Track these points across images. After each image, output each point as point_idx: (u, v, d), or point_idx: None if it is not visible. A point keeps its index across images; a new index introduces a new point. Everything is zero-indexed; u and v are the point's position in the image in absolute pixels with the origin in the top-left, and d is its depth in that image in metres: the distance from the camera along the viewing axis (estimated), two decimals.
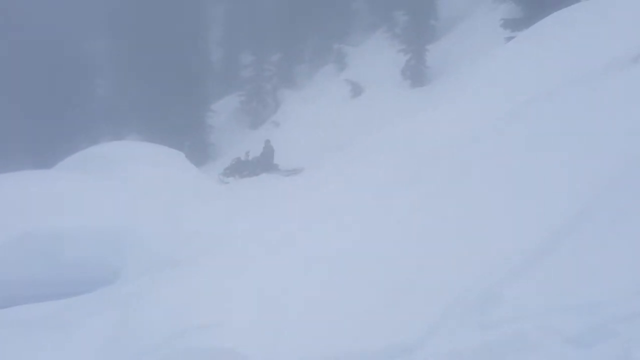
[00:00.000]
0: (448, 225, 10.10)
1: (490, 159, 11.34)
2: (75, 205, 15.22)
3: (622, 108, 10.09)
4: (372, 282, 9.42)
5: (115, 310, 10.96)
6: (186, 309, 9.90)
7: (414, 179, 12.87)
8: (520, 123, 11.92)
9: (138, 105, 36.16)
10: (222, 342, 8.76)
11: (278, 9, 38.56)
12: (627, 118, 9.74)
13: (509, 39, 19.67)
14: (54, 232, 14.27)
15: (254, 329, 8.92)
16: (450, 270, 8.84)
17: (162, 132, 31.17)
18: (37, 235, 14.08)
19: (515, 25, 21.43)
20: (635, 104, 10.02)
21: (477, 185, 10.81)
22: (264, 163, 26.20)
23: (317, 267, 10.51)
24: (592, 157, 9.38)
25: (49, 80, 37.87)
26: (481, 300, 7.94)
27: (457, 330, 7.77)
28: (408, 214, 11.31)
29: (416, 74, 29.74)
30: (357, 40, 37.60)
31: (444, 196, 11.16)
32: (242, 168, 26.28)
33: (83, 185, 16.63)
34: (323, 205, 14.33)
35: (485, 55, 18.53)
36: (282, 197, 17.69)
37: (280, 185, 21.13)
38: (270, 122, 33.91)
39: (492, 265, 8.44)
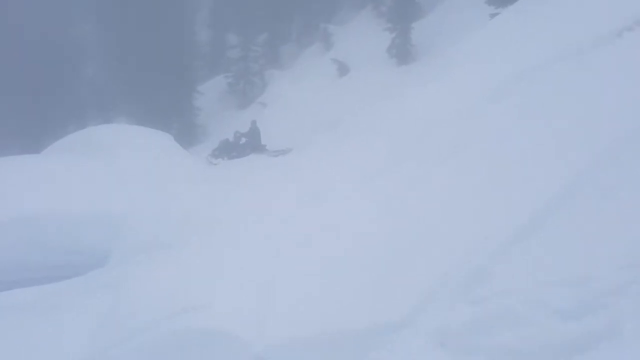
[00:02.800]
0: (436, 203, 10.16)
1: (479, 135, 11.38)
2: (64, 189, 15.19)
3: (610, 82, 10.13)
4: (360, 261, 9.49)
5: (106, 293, 10.98)
6: (177, 290, 9.94)
7: (402, 157, 12.91)
8: (508, 99, 11.95)
9: (126, 89, 35.92)
10: (212, 323, 8.81)
11: None
12: (615, 92, 9.79)
13: (494, 15, 19.65)
14: (42, 217, 14.24)
15: (243, 310, 8.98)
16: (439, 248, 8.91)
17: (150, 114, 31.04)
18: (25, 219, 14.05)
19: (500, 1, 21.39)
20: (622, 77, 10.07)
21: (466, 163, 10.86)
22: (252, 144, 26.13)
23: (305, 248, 10.56)
24: (581, 132, 9.43)
25: (37, 64, 37.60)
26: (469, 277, 8.01)
27: (445, 307, 7.85)
28: (396, 193, 11.36)
29: (402, 52, 29.64)
30: (343, 20, 37.50)
31: (432, 174, 11.22)
32: (231, 149, 26.20)
33: (72, 169, 16.58)
34: (312, 186, 14.36)
35: (471, 32, 18.49)
36: (271, 178, 17.70)
37: (269, 166, 21.11)
38: (258, 102, 33.78)
39: (480, 242, 8.50)
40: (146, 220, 14.49)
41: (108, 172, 16.69)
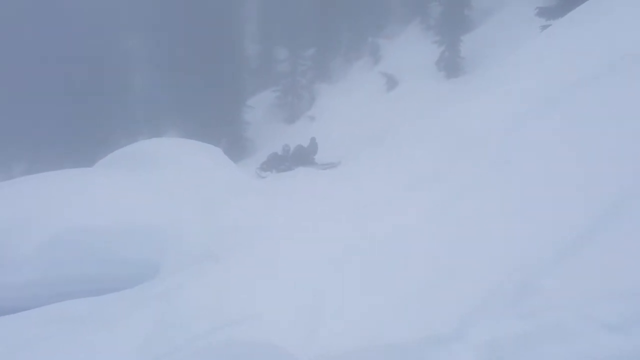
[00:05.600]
0: (485, 216, 10.07)
1: (527, 148, 11.28)
2: (115, 202, 15.39)
3: None
4: (407, 273, 9.44)
5: (156, 305, 11.09)
6: (225, 302, 10.01)
7: (449, 170, 12.84)
8: (558, 112, 11.82)
9: (175, 103, 36.38)
10: (259, 335, 8.83)
11: (312, 3, 38.62)
12: None
13: (545, 27, 19.54)
14: (94, 230, 14.44)
15: (290, 321, 8.98)
16: (487, 260, 8.83)
17: (200, 128, 31.45)
18: (78, 232, 14.26)
19: (550, 13, 21.22)
20: None
21: (514, 175, 10.76)
22: (305, 157, 26.29)
23: (353, 260, 10.55)
24: (633, 143, 9.29)
25: (89, 79, 38.33)
26: (518, 290, 7.92)
27: (494, 321, 7.76)
28: (444, 206, 11.29)
29: (451, 65, 29.57)
30: (391, 33, 37.54)
31: (480, 187, 11.13)
32: (279, 162, 26.39)
33: (123, 183, 16.82)
34: (359, 198, 14.35)
35: (521, 45, 18.36)
36: (319, 191, 17.73)
37: (317, 179, 21.16)
38: (306, 116, 33.98)
39: (529, 255, 8.42)
40: (195, 232, 14.61)
41: (158, 185, 16.88)
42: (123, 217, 14.96)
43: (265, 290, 10.15)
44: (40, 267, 13.79)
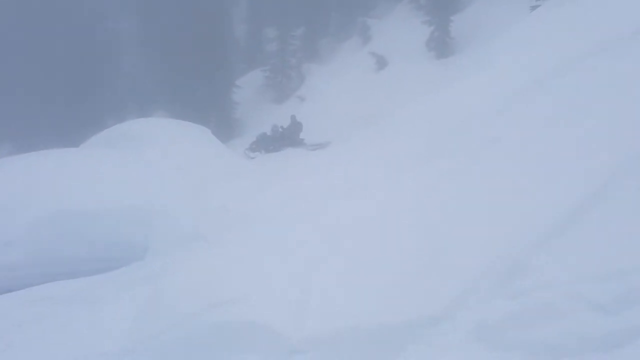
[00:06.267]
0: (474, 197, 10.06)
1: (517, 129, 11.27)
2: (103, 182, 15.33)
3: None
4: (398, 254, 9.41)
5: (144, 286, 11.08)
6: (214, 283, 9.98)
7: (439, 151, 12.82)
8: (546, 93, 11.81)
9: (164, 83, 36.19)
10: (249, 316, 8.82)
11: None
12: None
13: (534, 7, 19.47)
14: (83, 211, 14.39)
15: (280, 302, 8.97)
16: (477, 241, 8.82)
17: (188, 108, 31.23)
18: (65, 214, 14.21)
19: None
20: None
21: (503, 156, 10.75)
22: (290, 138, 26.23)
23: (343, 241, 10.51)
24: (620, 125, 9.30)
25: (75, 58, 38.04)
26: (508, 271, 7.93)
27: (484, 301, 7.78)
28: (434, 187, 11.27)
29: (441, 45, 29.50)
30: (381, 13, 37.36)
31: (470, 168, 11.11)
32: (268, 143, 26.33)
33: (110, 163, 16.75)
34: (349, 179, 14.33)
35: (511, 25, 18.32)
36: (308, 172, 17.70)
37: (306, 159, 21.12)
38: (295, 96, 33.87)
39: (519, 236, 8.42)
40: (183, 213, 14.59)
41: (146, 165, 16.83)
42: (110, 198, 14.91)
43: (254, 271, 10.12)
44: (27, 248, 13.75)
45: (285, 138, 26.27)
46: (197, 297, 9.63)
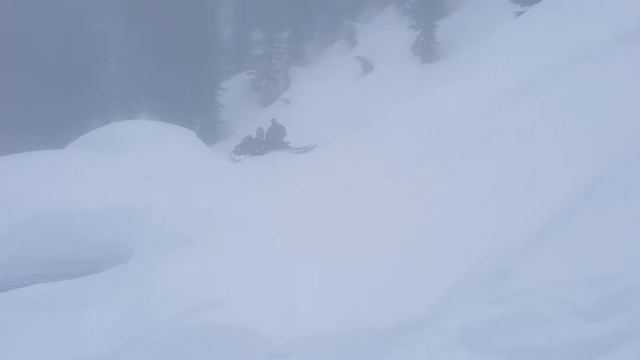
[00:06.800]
0: (459, 202, 10.12)
1: (501, 134, 11.33)
2: (88, 184, 15.27)
3: (632, 80, 10.04)
4: (381, 259, 9.45)
5: (128, 288, 11.06)
6: (199, 286, 9.99)
7: (424, 156, 12.86)
8: (531, 97, 11.87)
9: (149, 85, 35.98)
10: (233, 319, 8.84)
11: None
12: (638, 90, 9.70)
13: (519, 13, 19.53)
14: (67, 212, 14.33)
15: (265, 306, 8.99)
16: (460, 246, 8.88)
17: (173, 111, 31.08)
18: (50, 215, 14.14)
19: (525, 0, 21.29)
20: None
21: (488, 161, 10.80)
22: (275, 141, 26.18)
23: (328, 245, 10.54)
24: (604, 131, 9.35)
25: (60, 59, 37.81)
26: (491, 276, 7.98)
27: (467, 306, 7.82)
28: (419, 191, 11.32)
29: (426, 49, 29.50)
30: (367, 17, 37.35)
31: (455, 172, 11.17)
32: (253, 146, 26.26)
33: (95, 165, 16.67)
34: (334, 183, 14.34)
35: (495, 30, 18.39)
36: (293, 175, 17.69)
37: (291, 163, 21.10)
38: (281, 99, 33.78)
39: (501, 241, 8.47)
40: (168, 215, 14.54)
41: (130, 167, 16.76)
42: (94, 200, 14.85)
43: (239, 274, 10.13)
44: (11, 249, 13.67)
45: (269, 141, 26.24)
46: (181, 300, 9.63)
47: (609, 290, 6.68)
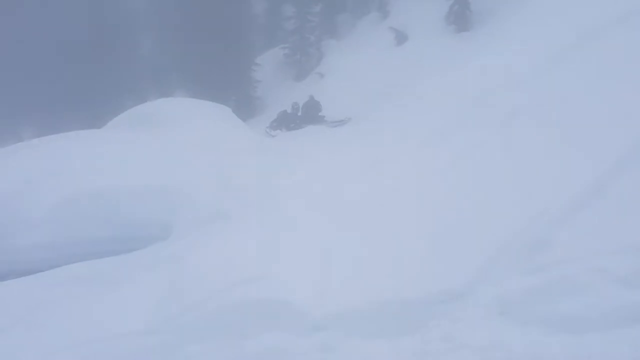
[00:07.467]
0: (495, 171, 10.07)
1: (538, 103, 11.22)
2: (125, 163, 15.35)
3: None
4: (419, 230, 9.45)
5: (167, 266, 11.13)
6: (237, 261, 10.04)
7: (461, 126, 12.79)
8: (567, 64, 11.74)
9: (184, 62, 36.09)
10: (271, 294, 8.88)
11: None
12: None
13: None
14: (104, 192, 14.42)
15: (302, 280, 9.01)
16: (498, 216, 8.84)
17: (209, 87, 31.17)
18: (88, 194, 14.25)
19: None
20: None
21: (524, 131, 10.72)
22: (310, 115, 26.16)
23: (364, 218, 10.56)
24: None
25: (94, 40, 38.08)
26: (529, 245, 7.94)
27: (505, 275, 7.79)
28: (455, 162, 11.27)
29: (460, 19, 29.22)
30: None
31: (491, 143, 11.10)
32: (289, 120, 26.29)
33: (132, 144, 16.77)
34: (369, 156, 14.32)
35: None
36: (329, 149, 17.70)
37: (327, 136, 21.11)
38: (315, 73, 33.70)
39: (540, 210, 8.42)
40: (206, 192, 14.60)
41: (168, 145, 16.84)
42: (133, 178, 14.94)
43: (277, 249, 10.18)
44: (51, 229, 13.82)
45: (305, 115, 26.23)
46: (220, 276, 9.69)
47: None
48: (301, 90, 30.13)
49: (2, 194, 14.11)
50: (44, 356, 8.78)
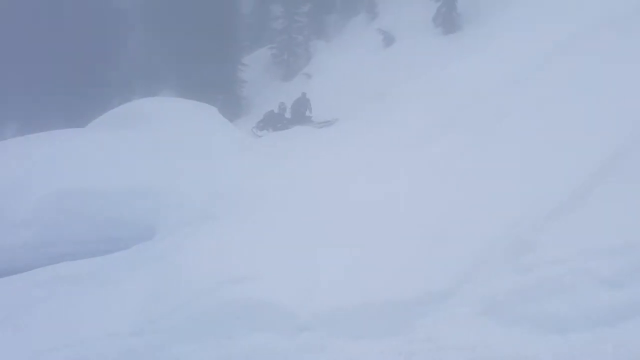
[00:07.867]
0: (482, 172, 10.09)
1: (523, 103, 11.26)
2: (110, 162, 15.29)
3: None
4: (405, 231, 9.45)
5: (154, 266, 11.10)
6: (223, 262, 10.02)
7: (447, 126, 12.81)
8: (553, 66, 11.77)
9: (170, 62, 35.94)
10: (257, 294, 8.86)
11: None
12: None
13: None
14: (88, 191, 14.36)
15: (288, 280, 9.00)
16: (484, 218, 8.86)
17: (195, 87, 31.03)
18: (72, 193, 14.17)
19: None
20: None
21: (512, 132, 10.76)
22: (297, 115, 26.14)
23: (350, 218, 10.55)
24: (628, 99, 9.26)
25: (81, 38, 37.88)
26: (514, 246, 7.96)
27: (491, 276, 7.80)
28: (442, 162, 11.30)
29: (448, 20, 29.26)
30: None
31: (478, 143, 11.13)
32: (276, 121, 26.25)
33: (117, 143, 16.69)
34: (356, 157, 14.32)
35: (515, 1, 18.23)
36: (316, 150, 17.68)
37: (314, 137, 21.08)
38: (303, 74, 33.64)
39: (526, 211, 8.44)
40: (191, 192, 14.56)
41: (153, 144, 16.77)
42: (118, 178, 14.89)
43: (262, 250, 10.15)
44: (36, 229, 13.75)
45: (293, 116, 26.20)
46: (206, 276, 9.67)
47: (631, 259, 6.66)
48: (288, 90, 30.13)
49: None
50: (27, 358, 8.73)
